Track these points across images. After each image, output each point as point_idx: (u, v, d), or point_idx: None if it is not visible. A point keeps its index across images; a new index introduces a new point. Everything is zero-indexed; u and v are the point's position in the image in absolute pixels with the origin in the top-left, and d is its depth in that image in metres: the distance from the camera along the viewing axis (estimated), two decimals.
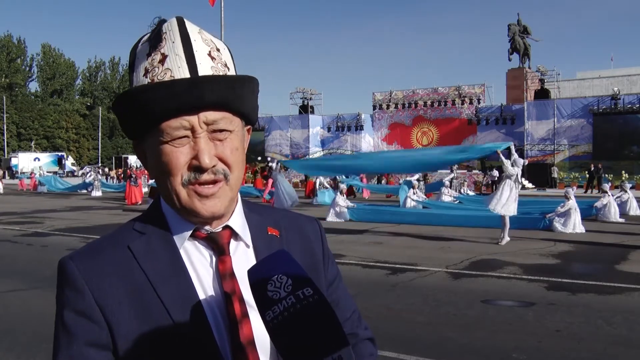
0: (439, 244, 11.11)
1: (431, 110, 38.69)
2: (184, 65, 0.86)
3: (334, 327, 0.72)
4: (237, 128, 0.91)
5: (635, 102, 29.82)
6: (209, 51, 0.89)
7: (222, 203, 0.90)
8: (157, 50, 0.88)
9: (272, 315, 0.74)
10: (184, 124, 0.86)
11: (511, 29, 36.66)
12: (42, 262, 9.18)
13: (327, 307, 0.74)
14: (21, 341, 5.20)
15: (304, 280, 0.76)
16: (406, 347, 4.89)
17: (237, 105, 0.89)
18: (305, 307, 0.73)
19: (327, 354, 0.71)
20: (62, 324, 0.87)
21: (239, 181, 0.94)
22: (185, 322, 0.87)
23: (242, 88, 0.90)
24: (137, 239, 0.93)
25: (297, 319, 0.72)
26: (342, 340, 0.72)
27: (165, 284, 0.89)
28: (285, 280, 0.76)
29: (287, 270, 0.77)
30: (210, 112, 0.87)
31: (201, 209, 0.89)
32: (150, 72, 0.87)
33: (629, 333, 5.34)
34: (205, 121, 0.87)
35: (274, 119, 42.01)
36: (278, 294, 0.75)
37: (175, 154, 0.87)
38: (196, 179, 0.88)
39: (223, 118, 0.88)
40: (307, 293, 0.74)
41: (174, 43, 0.87)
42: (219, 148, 0.89)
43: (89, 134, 71.45)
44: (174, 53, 0.87)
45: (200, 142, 0.87)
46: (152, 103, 0.84)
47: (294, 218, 1.10)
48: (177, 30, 0.88)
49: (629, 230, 12.91)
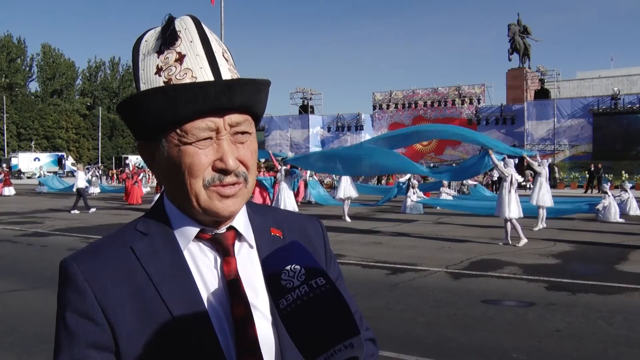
0: (439, 244, 11.11)
1: (431, 110, 38.72)
2: (206, 66, 0.86)
3: (346, 316, 0.74)
4: (254, 131, 0.93)
5: (635, 102, 29.83)
6: (222, 52, 0.90)
7: (240, 204, 0.91)
8: (172, 49, 0.87)
9: (286, 303, 0.75)
10: (210, 125, 0.86)
11: (511, 29, 36.69)
12: (42, 262, 9.17)
13: (340, 296, 0.76)
14: (21, 341, 5.19)
15: (317, 270, 0.78)
16: (406, 347, 4.89)
17: (258, 109, 0.91)
18: (318, 295, 0.75)
19: (339, 341, 0.72)
20: (64, 325, 0.87)
21: (255, 183, 0.95)
22: (188, 323, 0.87)
23: (265, 91, 0.91)
24: (140, 240, 0.92)
25: (310, 308, 0.74)
26: (354, 328, 0.73)
27: (168, 285, 0.89)
28: (299, 270, 0.78)
29: (300, 260, 0.79)
30: (236, 115, 0.87)
31: (222, 209, 0.89)
32: (166, 71, 0.86)
33: (629, 333, 5.34)
34: (230, 123, 0.87)
35: (274, 119, 42.02)
36: (292, 282, 0.77)
37: (199, 155, 0.87)
38: (220, 181, 0.88)
39: (245, 121, 0.89)
40: (320, 282, 0.76)
41: (192, 42, 0.87)
42: (240, 150, 0.89)
43: (89, 134, 71.46)
44: (193, 53, 0.86)
45: (224, 144, 0.87)
46: (182, 103, 0.84)
47: (297, 218, 1.10)
48: (194, 29, 0.88)
49: (629, 230, 12.92)
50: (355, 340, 0.73)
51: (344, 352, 0.72)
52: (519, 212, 10.90)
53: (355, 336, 0.73)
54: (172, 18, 0.89)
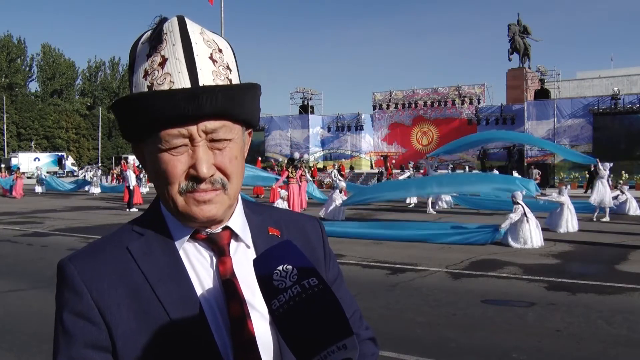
0: (439, 244, 11.10)
1: (431, 110, 38.73)
2: (184, 71, 0.84)
3: (339, 317, 0.73)
4: (236, 136, 0.90)
5: (635, 102, 29.82)
6: (211, 53, 0.87)
7: (218, 209, 0.90)
8: (157, 52, 0.86)
9: (278, 304, 0.74)
10: (182, 132, 0.85)
11: (511, 29, 36.68)
12: (42, 262, 9.18)
13: (332, 297, 0.75)
14: (21, 341, 5.20)
15: (310, 270, 0.77)
16: (406, 347, 4.89)
17: (237, 113, 0.88)
18: (310, 296, 0.74)
19: (332, 342, 0.71)
20: (62, 325, 0.87)
21: (238, 189, 0.93)
22: (185, 323, 0.87)
23: (243, 96, 0.88)
24: (136, 240, 0.93)
25: (303, 308, 0.73)
26: (347, 329, 0.72)
27: (164, 285, 0.89)
28: (291, 270, 0.77)
29: (292, 260, 0.78)
30: (210, 122, 0.85)
31: (198, 213, 0.88)
32: (150, 75, 0.86)
33: (629, 333, 5.34)
34: (204, 130, 0.85)
35: (274, 119, 42.02)
36: (284, 283, 0.76)
37: (173, 162, 0.86)
38: (194, 188, 0.87)
39: (223, 127, 0.87)
40: (312, 283, 0.75)
41: (175, 46, 0.86)
42: (217, 157, 0.88)
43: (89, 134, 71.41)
44: (174, 57, 0.85)
45: (198, 151, 0.86)
46: (151, 110, 0.83)
47: (295, 218, 1.09)
48: (177, 31, 0.86)
49: (629, 230, 12.91)
50: (348, 341, 0.71)
51: (337, 353, 0.71)
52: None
53: (349, 337, 0.72)
54: (163, 19, 0.88)
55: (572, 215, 12.83)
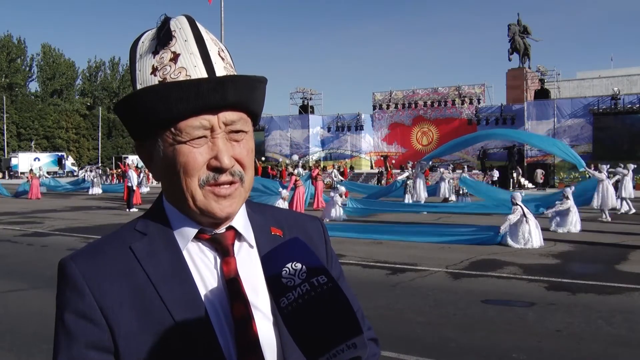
0: (439, 244, 11.10)
1: (431, 110, 38.72)
2: (200, 64, 0.86)
3: (348, 315, 0.72)
4: (250, 129, 0.92)
5: (635, 102, 29.81)
6: (218, 51, 0.90)
7: (237, 204, 0.91)
8: (166, 49, 0.87)
9: (287, 302, 0.74)
10: (204, 123, 0.86)
11: (511, 29, 36.69)
12: (42, 262, 9.17)
13: (342, 295, 0.74)
14: (21, 341, 5.20)
15: (318, 268, 0.76)
16: (406, 347, 4.89)
17: (254, 106, 0.90)
18: (319, 294, 0.73)
19: (342, 341, 0.71)
20: (63, 325, 0.87)
21: (252, 183, 0.94)
22: (188, 323, 0.87)
23: (260, 89, 0.90)
24: (139, 240, 0.92)
25: (312, 306, 0.73)
26: (356, 328, 0.72)
27: (167, 285, 0.88)
28: (300, 268, 0.76)
29: (301, 258, 0.78)
30: (230, 112, 0.87)
31: (218, 210, 0.88)
32: (161, 71, 0.86)
33: (629, 333, 5.34)
34: (224, 121, 0.87)
35: (274, 119, 42.00)
36: (292, 281, 0.75)
37: (193, 154, 0.86)
38: (215, 180, 0.87)
39: (240, 119, 0.89)
40: (321, 281, 0.74)
41: (187, 41, 0.87)
42: (236, 149, 0.89)
43: (89, 134, 71.37)
44: (187, 52, 0.86)
45: (219, 142, 0.87)
46: (175, 101, 0.83)
47: (297, 218, 1.09)
48: (188, 28, 0.88)
49: (629, 230, 12.91)
50: (358, 339, 0.71)
51: (346, 352, 0.70)
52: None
53: (358, 336, 0.71)
54: (168, 18, 0.89)
55: (576, 217, 12.86)
